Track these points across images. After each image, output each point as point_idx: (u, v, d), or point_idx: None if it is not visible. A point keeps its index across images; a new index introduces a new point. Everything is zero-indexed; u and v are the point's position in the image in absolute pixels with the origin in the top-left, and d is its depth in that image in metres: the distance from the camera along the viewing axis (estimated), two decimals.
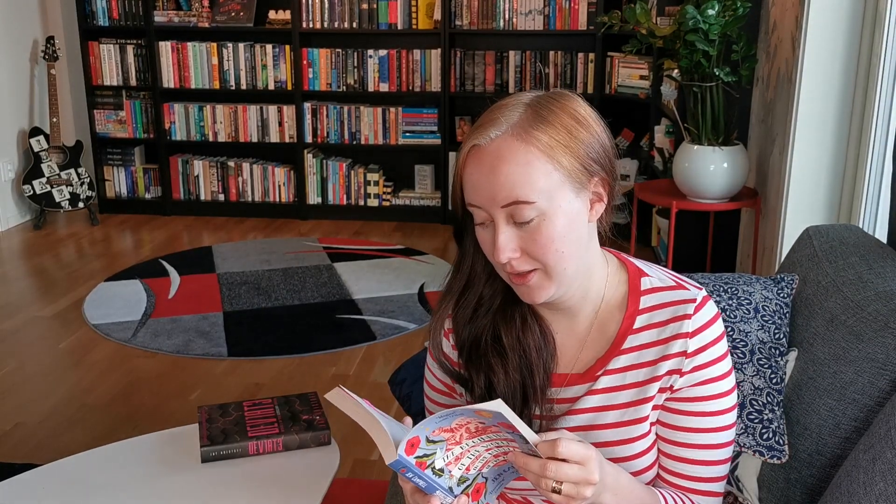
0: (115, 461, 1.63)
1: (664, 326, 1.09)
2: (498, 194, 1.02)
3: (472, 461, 0.97)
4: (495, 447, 0.97)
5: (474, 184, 1.04)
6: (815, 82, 2.57)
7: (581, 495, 0.95)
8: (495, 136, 1.03)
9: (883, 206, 2.34)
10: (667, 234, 3.47)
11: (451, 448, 0.95)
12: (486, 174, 1.02)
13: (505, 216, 1.03)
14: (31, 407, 2.90)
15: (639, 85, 4.57)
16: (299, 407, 1.73)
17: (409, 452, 0.91)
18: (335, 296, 3.93)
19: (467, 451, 0.96)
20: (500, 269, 1.08)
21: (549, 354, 1.14)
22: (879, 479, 0.95)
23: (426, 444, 0.93)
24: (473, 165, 1.04)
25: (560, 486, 0.94)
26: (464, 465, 0.96)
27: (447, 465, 0.95)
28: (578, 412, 1.12)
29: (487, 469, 0.99)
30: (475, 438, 0.95)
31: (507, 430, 0.94)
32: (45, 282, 4.28)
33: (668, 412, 1.10)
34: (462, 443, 0.95)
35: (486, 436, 0.96)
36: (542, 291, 1.06)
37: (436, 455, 0.94)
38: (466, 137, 1.07)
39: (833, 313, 1.25)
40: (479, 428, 0.94)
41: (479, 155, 1.04)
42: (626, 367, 1.11)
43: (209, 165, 5.37)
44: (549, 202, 1.02)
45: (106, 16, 5.23)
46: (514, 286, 1.09)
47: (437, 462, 0.94)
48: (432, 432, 0.93)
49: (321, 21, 5.08)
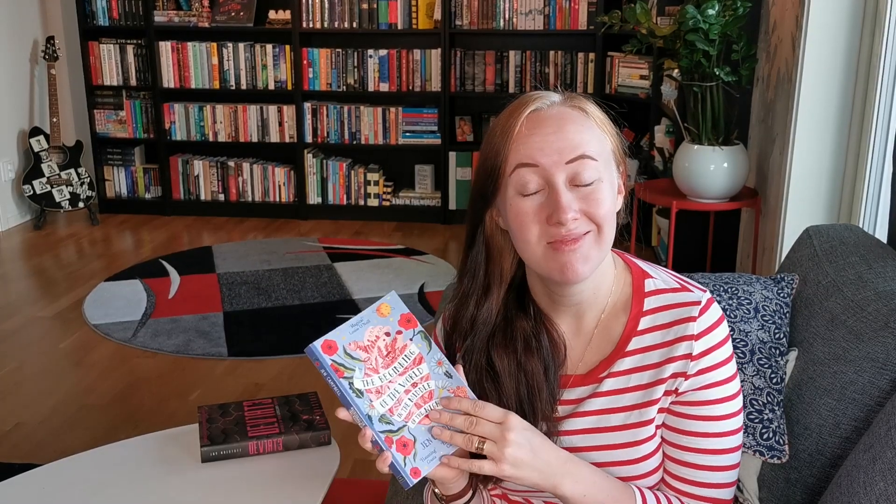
0: (115, 461, 1.63)
1: (669, 329, 1.09)
2: (565, 149, 1.02)
3: (395, 404, 1.01)
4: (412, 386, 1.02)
5: (537, 144, 1.03)
6: (815, 82, 2.57)
7: (501, 454, 0.99)
8: (552, 102, 1.06)
9: (883, 206, 2.34)
10: (667, 234, 3.47)
11: (369, 374, 1.01)
12: (553, 132, 1.03)
13: (566, 177, 1.03)
14: (31, 407, 2.90)
15: (639, 85, 4.57)
16: (299, 407, 1.73)
17: (326, 352, 0.99)
18: (335, 296, 3.93)
19: (387, 385, 1.01)
20: (537, 246, 1.04)
21: (556, 373, 1.12)
22: (879, 479, 0.95)
23: (345, 355, 1.00)
24: (535, 127, 1.04)
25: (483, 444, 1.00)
26: (386, 405, 1.00)
27: (367, 391, 1.00)
28: (583, 414, 1.11)
29: (413, 424, 1.01)
30: (390, 368, 1.01)
31: (411, 335, 1.04)
32: (45, 282, 4.28)
33: (672, 415, 1.10)
34: (379, 371, 1.01)
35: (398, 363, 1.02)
36: (588, 262, 1.04)
37: (354, 373, 1.00)
38: (514, 110, 1.06)
39: (833, 313, 1.25)
40: (389, 347, 1.02)
41: (541, 117, 1.05)
42: (631, 370, 1.10)
43: (209, 165, 5.37)
44: (605, 166, 1.05)
45: (106, 16, 5.23)
46: (558, 259, 1.03)
47: (355, 381, 1.00)
48: (349, 344, 1.01)
49: (321, 21, 5.08)
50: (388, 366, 1.02)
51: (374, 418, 0.99)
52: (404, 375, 1.02)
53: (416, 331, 1.05)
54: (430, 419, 1.02)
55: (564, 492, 1.03)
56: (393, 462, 0.99)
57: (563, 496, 1.03)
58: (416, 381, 1.03)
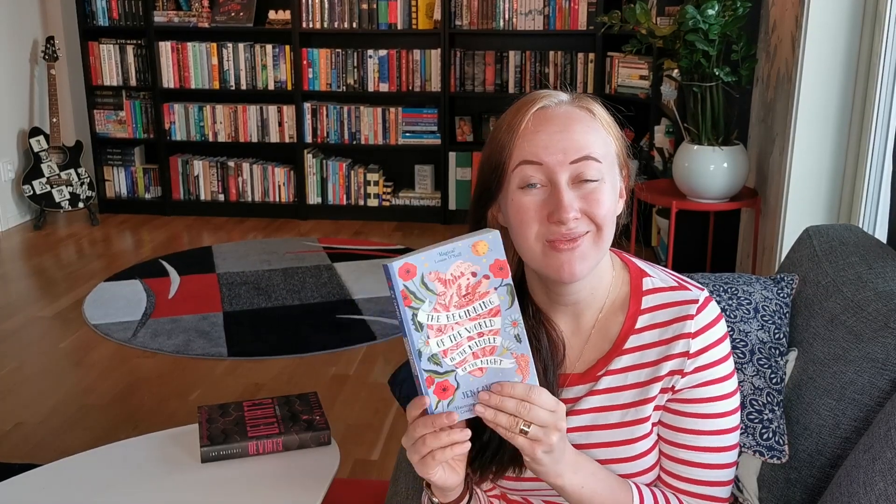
0: (115, 461, 1.64)
1: (666, 327, 1.09)
2: (570, 148, 1.03)
3: (451, 346, 0.96)
4: (477, 335, 0.97)
5: (542, 141, 1.03)
6: (815, 82, 2.57)
7: (548, 440, 0.96)
8: (560, 101, 1.06)
9: (883, 206, 2.34)
10: (667, 234, 3.47)
11: (438, 310, 0.95)
12: (559, 130, 1.03)
13: (569, 176, 1.03)
14: (31, 407, 2.90)
15: (639, 85, 4.57)
16: (299, 407, 1.73)
17: (402, 277, 0.93)
18: (335, 296, 3.93)
19: (451, 326, 0.96)
20: (536, 243, 1.04)
21: (555, 371, 1.12)
22: (879, 479, 0.95)
23: (420, 285, 0.94)
24: (541, 124, 1.04)
25: (528, 428, 0.96)
26: (443, 345, 0.96)
27: (428, 327, 0.95)
28: (580, 412, 1.12)
29: (463, 372, 0.97)
30: (462, 310, 0.96)
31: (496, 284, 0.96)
32: (45, 282, 4.28)
33: (669, 413, 1.10)
34: (450, 310, 0.96)
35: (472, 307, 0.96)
36: (586, 262, 1.04)
37: (423, 305, 0.95)
38: (521, 106, 1.06)
39: (833, 313, 1.25)
40: (470, 289, 0.96)
41: (548, 115, 1.05)
42: (628, 368, 1.10)
43: (209, 165, 5.37)
44: (609, 168, 1.06)
45: (106, 16, 5.23)
46: (556, 258, 1.04)
47: (420, 314, 0.95)
48: (429, 273, 0.94)
49: (321, 21, 5.08)
50: (462, 307, 0.96)
51: (423, 355, 0.96)
52: (474, 322, 0.97)
53: (505, 282, 0.97)
54: (480, 402, 0.97)
55: (564, 482, 1.03)
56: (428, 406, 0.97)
57: (563, 486, 1.03)
58: (483, 332, 0.98)
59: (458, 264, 0.95)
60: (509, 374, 0.98)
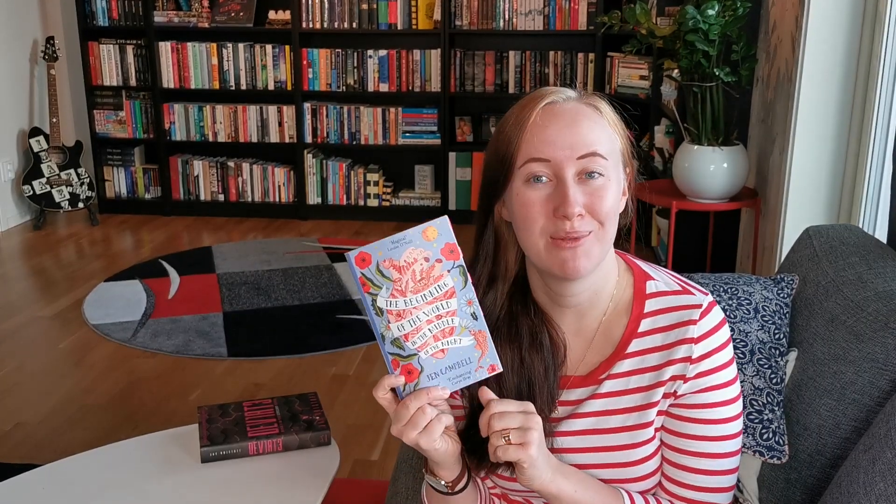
0: (115, 461, 1.63)
1: (669, 331, 1.09)
2: (577, 143, 1.03)
3: (412, 331, 1.00)
4: (435, 318, 1.00)
5: (549, 136, 1.03)
6: (815, 82, 2.57)
7: (529, 438, 0.98)
8: (568, 97, 1.07)
9: (883, 206, 2.34)
10: (667, 234, 3.47)
11: (395, 296, 0.99)
12: (567, 125, 1.04)
13: (575, 171, 1.03)
14: (31, 407, 2.90)
15: (639, 85, 4.57)
16: (299, 407, 1.73)
17: (359, 264, 0.98)
18: (335, 296, 3.93)
19: (409, 311, 0.99)
20: (540, 238, 1.04)
21: (556, 372, 1.11)
22: (879, 480, 0.95)
23: (376, 272, 0.98)
24: (549, 119, 1.04)
25: (509, 435, 0.99)
26: (403, 329, 0.99)
27: (388, 312, 0.99)
28: (582, 416, 1.11)
29: (426, 355, 1.00)
30: (419, 294, 0.99)
31: (449, 266, 1.00)
32: (45, 282, 4.28)
33: (671, 418, 1.10)
34: (407, 295, 0.99)
35: (427, 291, 0.99)
36: (590, 259, 1.04)
37: (381, 291, 0.99)
38: (529, 101, 1.07)
39: (833, 313, 1.25)
40: (424, 273, 0.99)
41: (556, 110, 1.05)
42: (630, 372, 1.10)
43: (209, 165, 5.37)
44: (614, 167, 1.06)
45: (106, 16, 5.23)
46: (560, 254, 1.04)
47: (379, 301, 0.99)
48: (384, 261, 0.98)
49: (321, 21, 5.08)
50: (418, 291, 0.99)
51: (386, 339, 0.99)
52: (431, 305, 1.00)
53: (456, 264, 1.00)
54: None
55: (560, 488, 1.03)
56: (397, 389, 1.01)
57: (558, 493, 1.04)
58: (440, 314, 1.00)
59: (411, 251, 0.98)
60: (469, 350, 1.01)
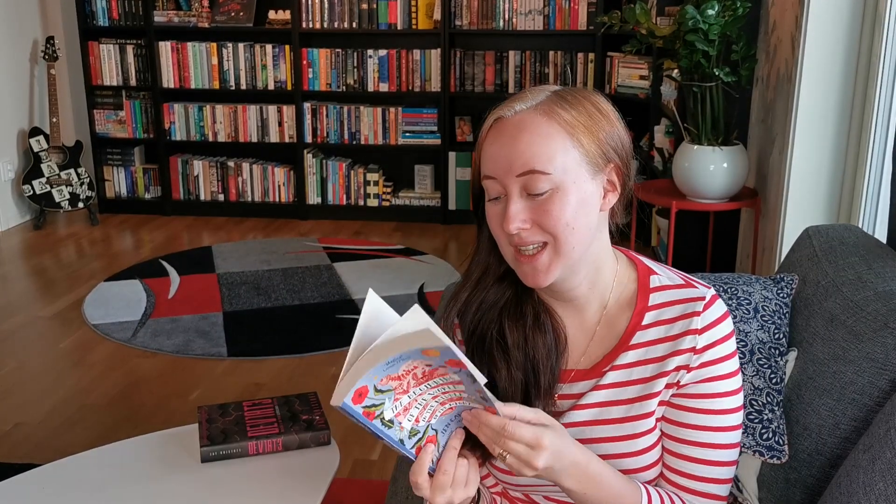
0: (115, 461, 1.64)
1: (673, 323, 1.10)
2: (515, 162, 1.03)
3: (421, 411, 0.97)
4: (441, 393, 0.98)
5: (493, 154, 1.06)
6: (815, 82, 2.57)
7: (532, 463, 0.97)
8: (520, 109, 1.07)
9: (883, 206, 2.34)
10: (667, 234, 3.47)
11: (399, 398, 0.95)
12: (506, 143, 1.05)
13: (519, 187, 1.04)
14: (31, 407, 2.90)
15: (639, 85, 4.57)
16: (299, 407, 1.73)
17: (357, 402, 0.92)
18: (335, 296, 3.93)
19: (415, 399, 0.96)
20: (507, 247, 1.08)
21: (558, 356, 1.13)
22: (879, 479, 0.95)
23: (374, 393, 0.93)
24: (494, 136, 1.06)
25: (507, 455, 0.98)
26: (413, 416, 0.97)
27: (396, 415, 0.95)
28: (584, 407, 1.12)
29: (436, 420, 0.99)
30: (422, 385, 0.96)
31: (454, 369, 0.94)
32: (45, 282, 4.28)
33: (673, 408, 1.10)
34: (409, 391, 0.95)
35: (432, 381, 0.96)
36: (549, 273, 1.06)
37: (384, 405, 0.94)
38: (490, 113, 1.09)
39: (833, 313, 1.25)
40: (426, 372, 0.95)
41: (502, 126, 1.06)
42: (634, 363, 1.11)
43: (209, 165, 5.37)
44: (565, 176, 1.04)
45: (106, 16, 5.23)
46: (520, 267, 1.08)
47: (385, 413, 0.94)
48: (380, 381, 0.92)
49: (321, 21, 5.08)
50: (420, 384, 0.95)
51: (405, 440, 0.97)
52: (437, 388, 0.97)
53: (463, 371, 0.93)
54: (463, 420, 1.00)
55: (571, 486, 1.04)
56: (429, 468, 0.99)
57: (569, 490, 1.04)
58: (446, 390, 0.98)
59: (409, 363, 0.93)
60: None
